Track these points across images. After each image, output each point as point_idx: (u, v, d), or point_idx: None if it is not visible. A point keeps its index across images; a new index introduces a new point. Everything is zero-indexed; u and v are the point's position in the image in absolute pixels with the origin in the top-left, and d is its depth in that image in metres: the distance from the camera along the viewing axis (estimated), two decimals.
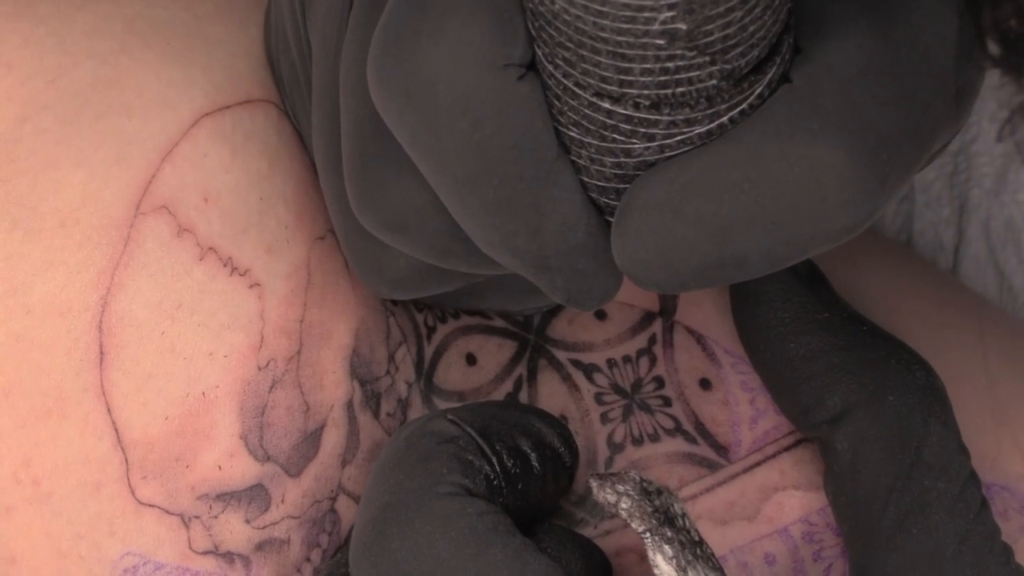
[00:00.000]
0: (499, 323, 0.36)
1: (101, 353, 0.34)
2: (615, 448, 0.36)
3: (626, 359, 0.36)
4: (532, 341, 0.36)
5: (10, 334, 0.34)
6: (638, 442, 0.36)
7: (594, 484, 0.32)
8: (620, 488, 0.31)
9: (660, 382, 0.36)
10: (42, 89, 0.35)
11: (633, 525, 0.31)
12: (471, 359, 0.36)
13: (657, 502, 0.31)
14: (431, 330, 0.36)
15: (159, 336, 0.34)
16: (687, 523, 0.31)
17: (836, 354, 0.33)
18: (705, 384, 0.36)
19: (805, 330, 0.34)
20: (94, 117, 0.35)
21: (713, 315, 0.36)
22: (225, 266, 0.35)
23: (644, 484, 0.32)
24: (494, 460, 0.32)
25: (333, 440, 0.35)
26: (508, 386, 0.36)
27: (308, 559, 0.35)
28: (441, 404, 0.36)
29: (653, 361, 0.36)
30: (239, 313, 0.34)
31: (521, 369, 0.36)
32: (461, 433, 0.31)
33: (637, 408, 0.36)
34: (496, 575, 0.29)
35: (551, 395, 0.36)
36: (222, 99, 0.36)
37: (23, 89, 0.35)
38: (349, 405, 0.35)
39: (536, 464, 0.33)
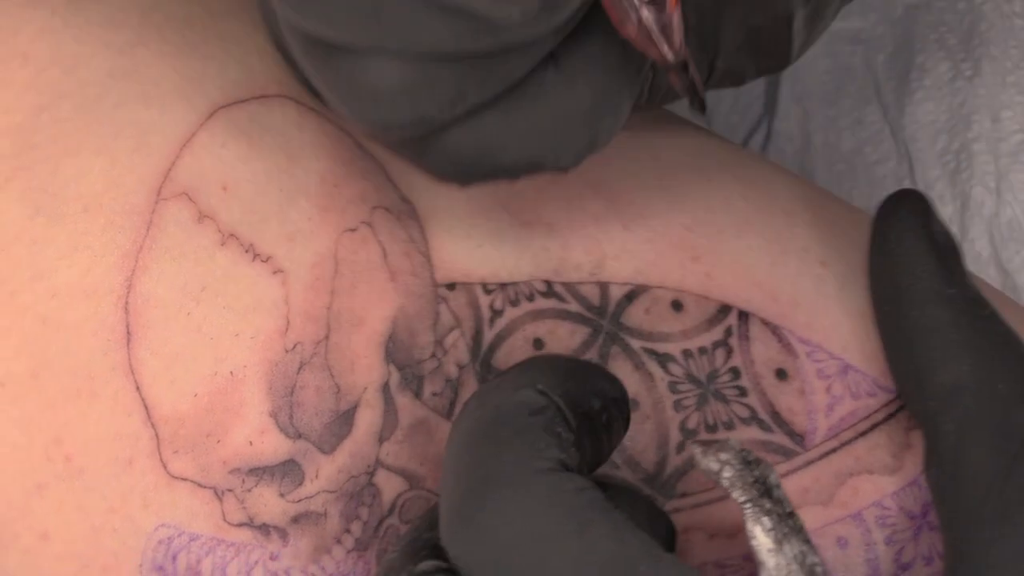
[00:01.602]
0: (574, 307, 0.36)
1: (128, 333, 0.35)
2: (688, 434, 0.36)
3: (702, 350, 0.36)
4: (606, 327, 0.36)
5: (37, 317, 0.35)
6: (712, 429, 0.36)
7: (697, 451, 0.32)
8: (723, 457, 0.31)
9: (736, 373, 0.36)
10: (59, 79, 0.36)
11: (734, 495, 0.31)
12: (539, 344, 0.37)
13: (756, 472, 0.31)
14: (497, 314, 0.37)
15: (185, 317, 0.35)
16: (782, 495, 0.31)
17: (954, 331, 0.33)
18: (781, 374, 0.36)
19: (929, 300, 0.34)
20: (112, 106, 0.36)
21: (788, 306, 0.36)
22: (247, 252, 0.35)
23: (744, 454, 0.31)
24: (578, 429, 0.31)
25: (368, 419, 0.35)
26: None
27: (348, 530, 0.36)
28: None
29: (729, 353, 0.36)
30: (263, 297, 0.35)
31: (592, 354, 0.36)
32: (549, 403, 0.31)
33: (712, 397, 0.36)
34: (598, 550, 0.29)
35: (623, 381, 0.35)
36: (237, 93, 0.37)
37: (40, 78, 0.36)
38: (385, 387, 0.36)
39: (604, 422, 0.33)
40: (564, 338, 0.36)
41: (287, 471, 0.35)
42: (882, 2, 0.53)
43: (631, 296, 0.36)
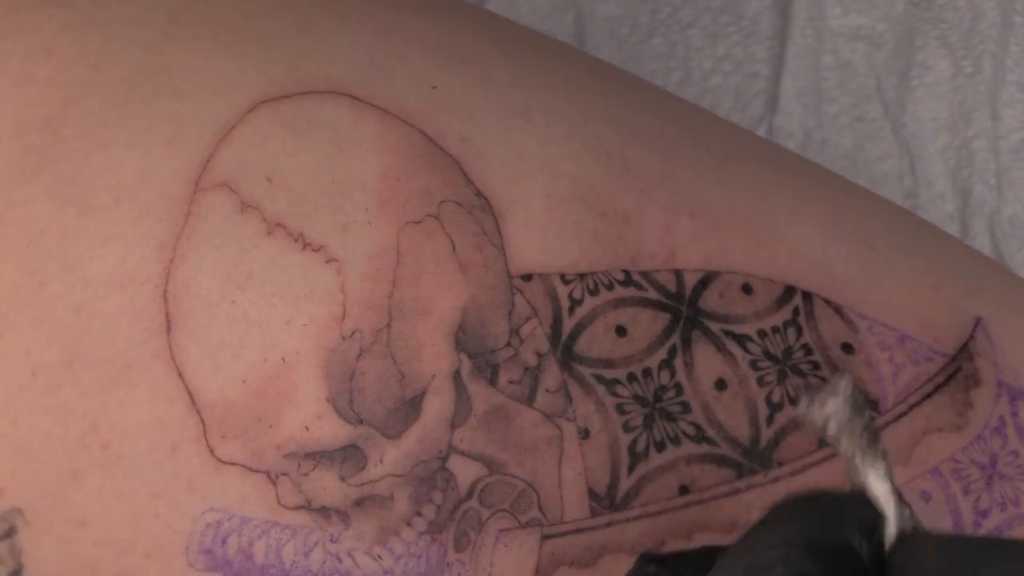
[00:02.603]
0: (653, 295, 0.38)
1: (168, 321, 0.35)
2: (774, 407, 0.38)
3: (775, 330, 0.38)
4: (685, 313, 0.38)
5: (68, 307, 0.35)
6: (795, 402, 0.38)
7: (802, 405, 0.32)
8: (829, 409, 0.32)
9: (808, 349, 0.38)
10: (86, 74, 0.36)
11: (841, 448, 0.31)
12: (621, 331, 0.38)
13: (866, 417, 0.31)
14: (576, 302, 0.38)
15: (230, 304, 0.35)
16: (885, 445, 0.32)
17: None
18: (847, 348, 0.38)
19: None
20: (143, 100, 0.36)
21: (844, 285, 0.38)
22: (296, 241, 0.35)
23: (855, 397, 0.32)
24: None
25: (437, 406, 0.36)
26: (662, 353, 0.38)
27: (419, 513, 0.36)
28: (584, 370, 0.37)
29: (799, 331, 0.38)
30: (316, 285, 0.35)
31: (675, 339, 0.38)
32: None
33: (790, 372, 0.38)
34: None
35: (708, 362, 0.38)
36: (279, 89, 0.36)
37: (66, 74, 0.36)
38: (456, 375, 0.36)
39: (866, 557, 0.31)
40: (646, 324, 0.37)
41: (348, 455, 0.35)
42: None
43: (704, 282, 0.38)
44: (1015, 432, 0.38)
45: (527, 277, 0.37)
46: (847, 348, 0.38)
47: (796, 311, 0.38)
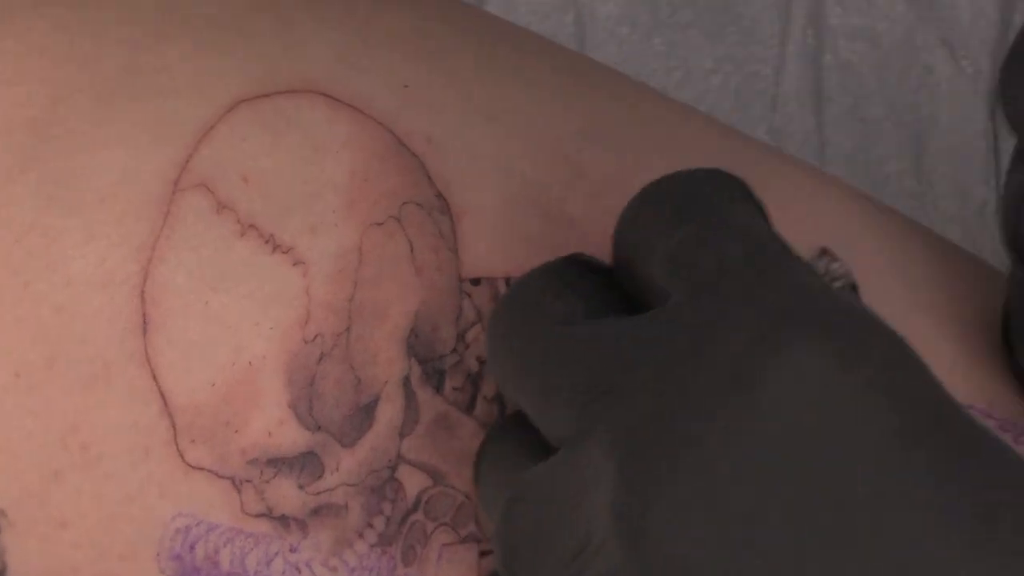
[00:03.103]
0: None
1: (145, 322, 0.35)
2: None
3: None
4: None
5: (52, 306, 0.35)
6: None
7: None
8: None
9: None
10: (75, 73, 0.36)
11: None
12: None
13: None
14: None
15: (203, 306, 0.35)
16: None
17: None
18: None
19: None
20: (128, 99, 0.36)
21: None
22: (267, 243, 0.35)
23: None
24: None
25: (389, 414, 0.36)
26: None
27: (370, 525, 0.36)
28: None
29: None
30: (283, 288, 0.35)
31: None
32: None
33: None
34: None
35: None
36: (259, 88, 0.37)
37: (56, 73, 0.36)
38: (406, 381, 0.36)
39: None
40: None
41: (306, 463, 0.35)
42: None
43: None
44: None
45: (476, 281, 0.37)
46: None
47: None
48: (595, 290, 0.33)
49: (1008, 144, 0.52)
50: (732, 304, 0.29)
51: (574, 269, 0.33)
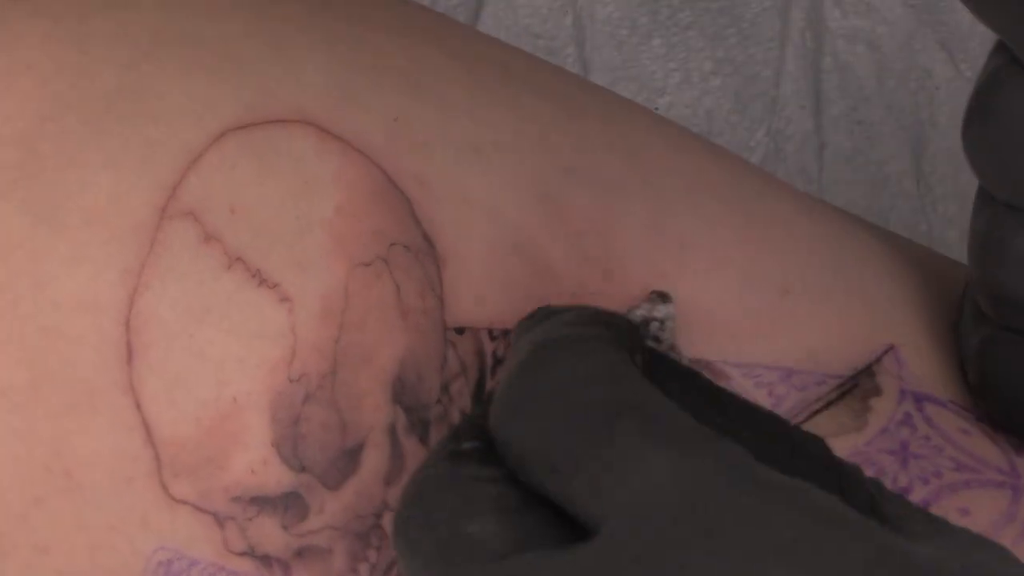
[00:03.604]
0: None
1: (129, 350, 0.34)
2: None
3: None
4: None
5: (38, 327, 0.34)
6: None
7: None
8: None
9: None
10: (64, 90, 0.36)
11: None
12: None
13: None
14: (499, 362, 0.37)
15: (187, 338, 0.34)
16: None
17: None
18: None
19: None
20: (118, 120, 0.35)
21: (728, 339, 0.38)
22: (253, 277, 0.35)
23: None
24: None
25: (374, 460, 0.35)
26: None
27: (354, 571, 0.35)
28: None
29: None
30: (268, 324, 0.35)
31: None
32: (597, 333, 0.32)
33: None
34: (629, 390, 0.29)
35: None
36: (250, 116, 0.36)
37: (45, 88, 0.36)
38: (392, 429, 0.35)
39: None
40: None
41: (290, 503, 0.35)
42: (882, 1, 0.53)
43: None
44: (923, 421, 0.38)
45: (460, 330, 0.36)
46: None
47: None
48: (504, 489, 0.29)
49: None
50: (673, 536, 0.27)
51: (473, 460, 0.30)
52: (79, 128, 0.35)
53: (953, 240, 0.52)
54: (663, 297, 0.35)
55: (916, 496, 0.37)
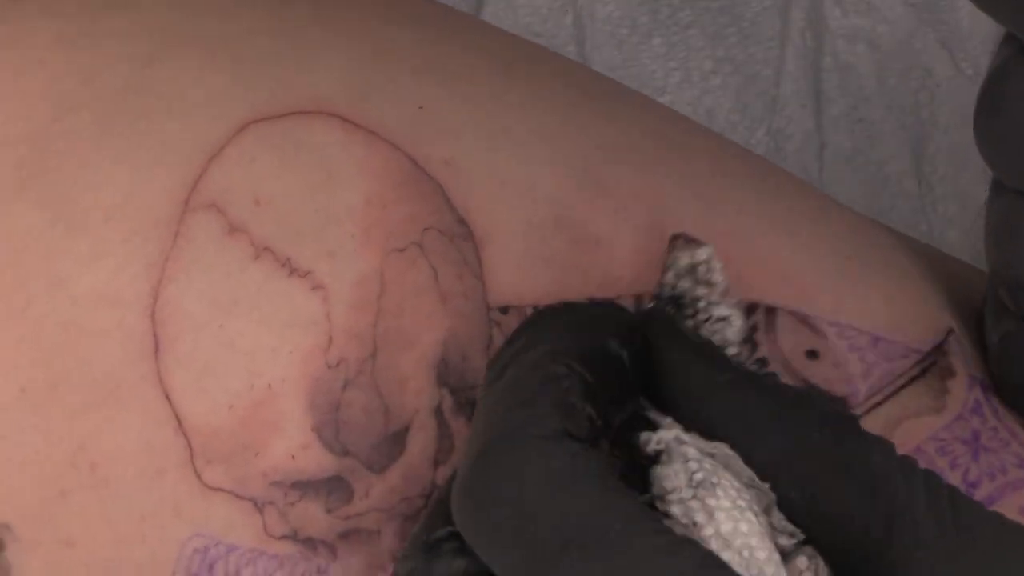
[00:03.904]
0: None
1: (156, 343, 0.34)
2: None
3: None
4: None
5: (57, 324, 0.34)
6: None
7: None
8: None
9: (764, 362, 0.37)
10: (76, 89, 0.36)
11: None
12: None
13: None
14: None
15: (217, 329, 0.34)
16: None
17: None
18: (812, 355, 0.38)
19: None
20: (132, 118, 0.35)
21: (818, 294, 0.38)
22: (283, 266, 0.35)
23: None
24: (601, 376, 0.31)
25: (421, 442, 0.35)
26: None
27: None
28: None
29: (755, 347, 0.37)
30: (301, 312, 0.35)
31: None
32: (567, 373, 0.31)
33: None
34: (577, 510, 0.28)
35: None
36: (269, 109, 0.36)
37: (57, 87, 0.36)
38: (438, 410, 0.35)
39: (627, 360, 0.32)
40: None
41: (333, 487, 0.35)
42: (883, 0, 0.53)
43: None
44: (991, 412, 0.38)
45: (504, 309, 0.36)
46: (812, 354, 0.37)
47: (755, 327, 0.37)
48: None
49: None
50: None
51: (445, 553, 0.30)
52: (92, 126, 0.35)
53: (953, 240, 0.52)
54: (690, 241, 0.34)
55: (982, 492, 0.37)
